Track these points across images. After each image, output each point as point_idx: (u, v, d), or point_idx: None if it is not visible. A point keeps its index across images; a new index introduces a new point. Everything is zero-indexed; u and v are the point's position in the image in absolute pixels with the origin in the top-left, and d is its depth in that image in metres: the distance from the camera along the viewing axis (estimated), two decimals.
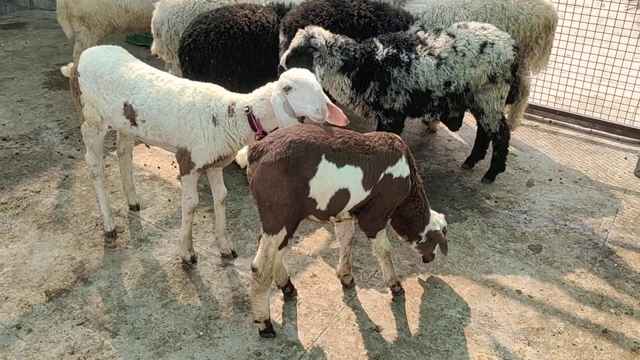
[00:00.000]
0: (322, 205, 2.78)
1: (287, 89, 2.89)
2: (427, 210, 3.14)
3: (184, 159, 3.15)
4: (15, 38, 7.55)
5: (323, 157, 2.69)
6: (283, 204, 2.67)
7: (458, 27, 4.00)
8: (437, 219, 3.20)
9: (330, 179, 2.72)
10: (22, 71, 6.48)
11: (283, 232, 2.73)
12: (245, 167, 2.78)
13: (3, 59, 6.81)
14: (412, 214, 3.10)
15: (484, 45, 3.89)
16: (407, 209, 3.08)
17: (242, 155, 2.74)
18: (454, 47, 3.90)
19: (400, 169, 2.91)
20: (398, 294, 3.27)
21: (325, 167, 2.70)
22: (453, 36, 3.93)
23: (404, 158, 2.92)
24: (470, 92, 4.02)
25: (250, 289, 2.95)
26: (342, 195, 2.79)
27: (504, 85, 4.04)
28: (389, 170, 2.88)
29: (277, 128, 2.97)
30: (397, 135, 2.99)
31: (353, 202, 2.85)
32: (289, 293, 3.25)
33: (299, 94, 2.88)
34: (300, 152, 2.65)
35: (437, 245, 3.25)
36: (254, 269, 2.82)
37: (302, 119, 2.98)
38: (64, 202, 4.12)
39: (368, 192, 2.86)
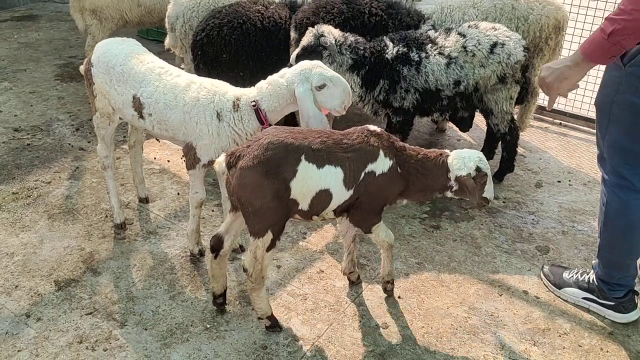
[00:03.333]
0: (304, 205, 2.72)
1: (321, 86, 2.90)
2: (436, 164, 2.83)
3: (190, 154, 3.17)
4: (28, 30, 7.61)
5: (303, 157, 2.63)
6: (267, 208, 2.62)
7: (469, 26, 4.00)
8: (466, 162, 2.78)
9: (310, 180, 2.66)
10: (35, 63, 6.53)
11: (269, 235, 2.69)
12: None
13: (16, 51, 6.86)
14: (421, 185, 2.89)
15: (494, 45, 3.89)
16: (412, 188, 2.89)
17: (219, 163, 2.69)
18: (464, 47, 3.90)
19: (382, 164, 2.79)
20: (388, 292, 3.20)
21: (306, 168, 2.63)
22: (463, 36, 3.93)
23: (381, 153, 2.79)
24: (479, 92, 4.02)
25: (248, 287, 2.96)
26: (324, 196, 2.73)
27: (513, 86, 4.03)
28: (369, 167, 2.77)
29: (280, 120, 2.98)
30: (375, 128, 2.85)
31: (336, 202, 2.78)
32: (220, 304, 3.11)
33: (330, 91, 2.92)
34: (279, 153, 2.59)
35: (486, 186, 2.82)
36: (244, 270, 2.83)
37: None
38: (74, 193, 4.15)
39: (351, 192, 2.78)
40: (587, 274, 3.25)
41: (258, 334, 2.99)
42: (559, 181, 4.48)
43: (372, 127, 2.86)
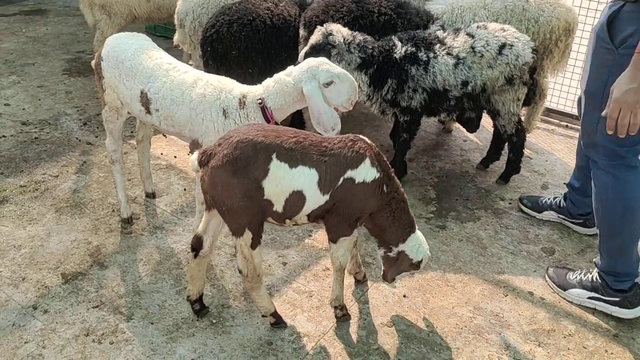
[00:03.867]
0: (278, 207, 2.67)
1: (329, 83, 2.91)
2: (405, 227, 2.91)
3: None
4: (36, 24, 7.64)
5: (274, 156, 2.57)
6: (238, 207, 2.59)
7: (477, 27, 4.00)
8: (419, 250, 2.92)
9: (283, 180, 2.60)
10: (43, 57, 6.55)
11: (248, 234, 2.66)
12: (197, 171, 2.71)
13: (24, 45, 6.89)
14: (384, 223, 2.88)
15: (502, 46, 3.89)
16: (379, 216, 2.86)
17: (192, 161, 2.67)
18: (473, 47, 3.90)
19: (364, 172, 2.70)
20: (340, 319, 3.09)
21: (278, 167, 2.57)
22: (472, 36, 3.93)
23: (367, 161, 2.71)
24: (486, 92, 4.03)
25: (247, 288, 2.96)
26: (297, 198, 2.65)
27: (520, 88, 4.03)
28: (349, 174, 2.68)
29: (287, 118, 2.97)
30: (364, 137, 2.80)
31: (310, 205, 2.70)
32: (198, 310, 3.06)
33: (337, 87, 2.93)
34: (248, 152, 2.54)
35: (402, 267, 2.99)
36: (240, 271, 2.84)
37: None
38: (82, 187, 4.17)
39: (327, 197, 2.70)
40: (590, 273, 3.27)
41: (263, 330, 3.01)
42: (565, 183, 4.45)
43: (362, 137, 2.80)
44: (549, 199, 3.98)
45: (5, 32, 7.29)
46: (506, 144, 4.39)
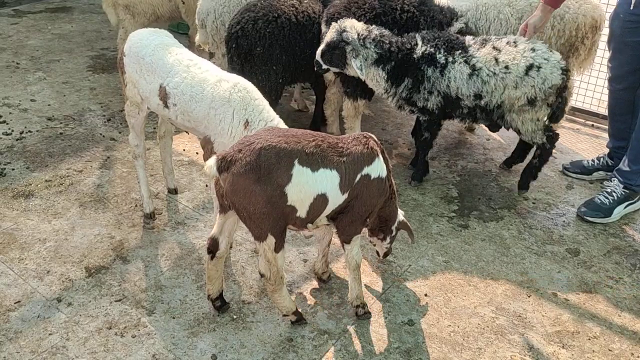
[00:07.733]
0: (302, 212, 2.69)
1: None
2: (396, 208, 3.09)
3: (207, 148, 3.21)
4: (61, 22, 7.74)
5: (296, 162, 2.59)
6: (260, 213, 2.60)
7: (507, 44, 3.80)
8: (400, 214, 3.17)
9: (306, 184, 2.62)
10: (68, 54, 6.63)
11: (271, 239, 2.68)
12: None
13: (50, 42, 6.98)
14: (389, 211, 3.02)
15: (529, 67, 3.69)
16: (386, 208, 2.99)
17: (210, 167, 2.66)
18: (496, 59, 3.74)
19: (379, 168, 2.80)
20: (361, 317, 3.09)
21: (300, 173, 2.60)
22: (498, 50, 3.78)
23: (380, 157, 2.81)
24: (501, 109, 3.86)
25: (268, 291, 2.96)
26: (321, 201, 2.70)
27: (543, 109, 3.82)
28: (366, 170, 2.76)
29: None
30: (372, 135, 2.87)
31: (331, 207, 2.76)
32: (219, 307, 3.07)
33: None
34: (271, 159, 2.56)
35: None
36: (262, 275, 2.85)
37: None
38: (105, 183, 4.22)
39: (345, 195, 2.76)
40: (616, 185, 3.98)
41: (284, 327, 3.01)
42: (591, 183, 4.40)
43: (370, 134, 2.87)
44: (593, 161, 4.40)
45: (31, 29, 7.39)
46: (533, 147, 4.18)
